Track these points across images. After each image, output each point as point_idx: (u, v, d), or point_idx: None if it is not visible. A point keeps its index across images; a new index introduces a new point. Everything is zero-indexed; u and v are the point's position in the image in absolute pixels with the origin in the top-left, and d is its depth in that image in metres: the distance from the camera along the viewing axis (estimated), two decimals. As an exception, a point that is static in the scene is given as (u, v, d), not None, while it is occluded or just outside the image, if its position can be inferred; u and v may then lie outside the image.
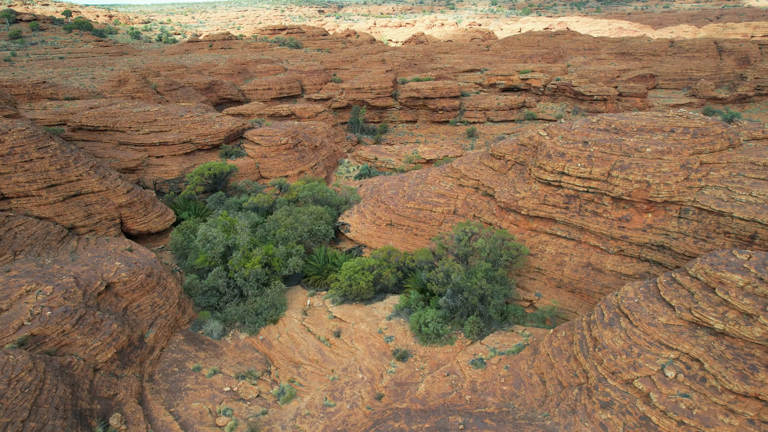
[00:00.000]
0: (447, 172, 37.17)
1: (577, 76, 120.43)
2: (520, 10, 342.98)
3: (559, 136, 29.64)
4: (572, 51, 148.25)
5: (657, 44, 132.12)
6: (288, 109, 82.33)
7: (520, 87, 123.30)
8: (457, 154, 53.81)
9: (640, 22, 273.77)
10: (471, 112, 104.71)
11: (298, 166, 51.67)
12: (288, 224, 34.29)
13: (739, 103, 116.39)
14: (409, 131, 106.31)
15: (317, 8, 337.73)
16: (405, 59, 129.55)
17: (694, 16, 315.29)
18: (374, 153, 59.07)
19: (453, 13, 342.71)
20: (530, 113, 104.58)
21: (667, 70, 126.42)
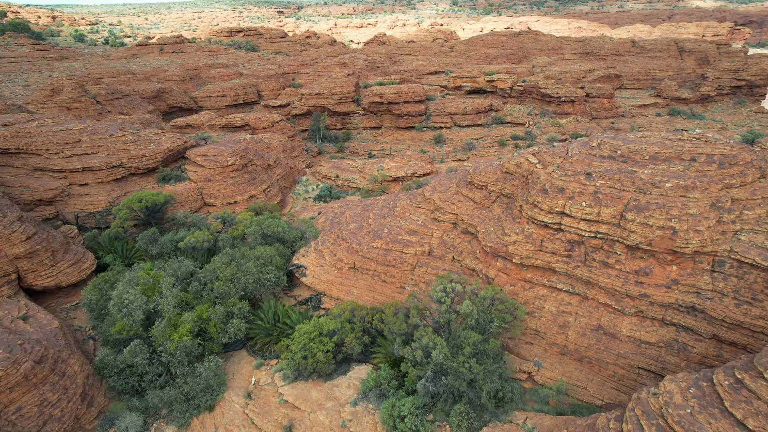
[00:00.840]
0: (418, 202, 31.11)
1: (543, 77, 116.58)
2: (480, 10, 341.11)
3: (554, 165, 24.03)
4: (536, 51, 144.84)
5: (620, 44, 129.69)
6: (241, 119, 74.92)
7: (486, 89, 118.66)
8: (426, 171, 47.82)
9: (598, 22, 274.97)
10: (437, 116, 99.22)
11: (248, 189, 44.74)
12: (228, 276, 27.68)
13: (702, 103, 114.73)
14: (373, 138, 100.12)
15: (276, 9, 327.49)
16: (367, 62, 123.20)
17: (647, 15, 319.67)
18: (335, 169, 52.57)
19: (414, 12, 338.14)
20: (498, 117, 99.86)
21: (631, 70, 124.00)
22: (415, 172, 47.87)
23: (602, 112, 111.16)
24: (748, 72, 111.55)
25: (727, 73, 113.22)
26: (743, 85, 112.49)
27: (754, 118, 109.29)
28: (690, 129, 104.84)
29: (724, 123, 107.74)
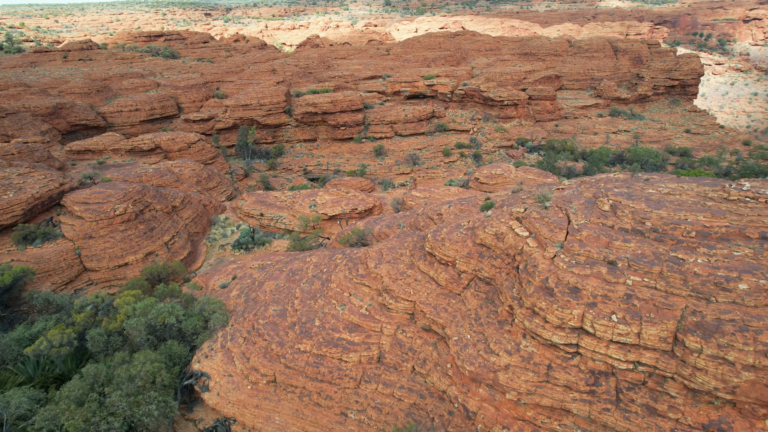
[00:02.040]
0: (360, 277, 22.45)
1: (484, 79, 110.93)
2: (414, 10, 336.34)
3: (555, 245, 16.12)
4: (474, 52, 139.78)
5: (557, 44, 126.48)
6: (151, 141, 63.54)
7: (426, 94, 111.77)
8: (367, 206, 39.26)
9: (529, 21, 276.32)
10: (376, 126, 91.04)
11: (143, 245, 34.53)
12: (80, 425, 18.06)
13: (640, 103, 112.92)
14: (308, 151, 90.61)
15: (204, 11, 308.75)
16: (299, 68, 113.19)
17: (573, 15, 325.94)
18: (260, 205, 43.06)
19: (347, 13, 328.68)
20: (441, 124, 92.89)
21: (570, 71, 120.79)
22: (354, 208, 39.11)
23: (545, 115, 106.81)
24: (680, 72, 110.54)
25: (661, 72, 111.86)
26: (677, 84, 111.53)
27: (689, 117, 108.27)
28: (632, 129, 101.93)
29: (663, 123, 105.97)
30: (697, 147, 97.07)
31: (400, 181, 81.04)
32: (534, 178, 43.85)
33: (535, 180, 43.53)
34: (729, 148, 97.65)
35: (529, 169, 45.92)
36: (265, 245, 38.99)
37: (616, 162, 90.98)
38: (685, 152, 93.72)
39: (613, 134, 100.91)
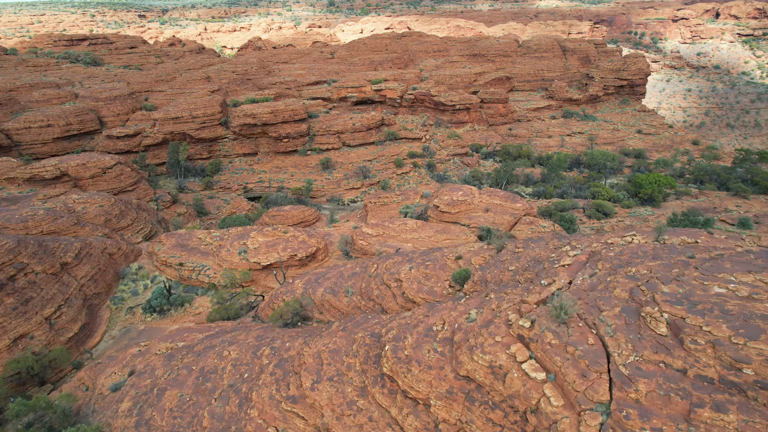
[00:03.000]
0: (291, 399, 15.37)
1: (434, 83, 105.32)
2: (359, 10, 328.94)
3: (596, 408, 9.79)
4: (422, 54, 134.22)
5: (506, 45, 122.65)
6: (56, 168, 53.81)
7: (374, 99, 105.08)
8: (309, 251, 32.14)
9: (474, 20, 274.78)
10: (322, 136, 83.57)
11: (11, 326, 25.99)
12: None
13: (591, 103, 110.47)
14: (248, 167, 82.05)
15: (137, 13, 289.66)
16: (236, 74, 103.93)
17: (516, 14, 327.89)
18: (180, 251, 35.01)
19: (290, 14, 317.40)
20: (391, 132, 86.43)
21: (520, 71, 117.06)
22: (293, 254, 31.85)
23: (498, 118, 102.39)
24: (628, 72, 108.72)
25: (610, 72, 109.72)
26: (625, 84, 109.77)
27: (639, 117, 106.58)
28: (585, 131, 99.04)
29: (615, 123, 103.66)
30: (650, 148, 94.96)
31: (350, 197, 74.04)
32: (500, 203, 37.86)
33: (502, 206, 37.55)
34: (680, 147, 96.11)
35: (494, 192, 39.93)
36: (184, 306, 31.22)
37: (573, 166, 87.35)
38: (639, 154, 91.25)
39: (567, 137, 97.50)
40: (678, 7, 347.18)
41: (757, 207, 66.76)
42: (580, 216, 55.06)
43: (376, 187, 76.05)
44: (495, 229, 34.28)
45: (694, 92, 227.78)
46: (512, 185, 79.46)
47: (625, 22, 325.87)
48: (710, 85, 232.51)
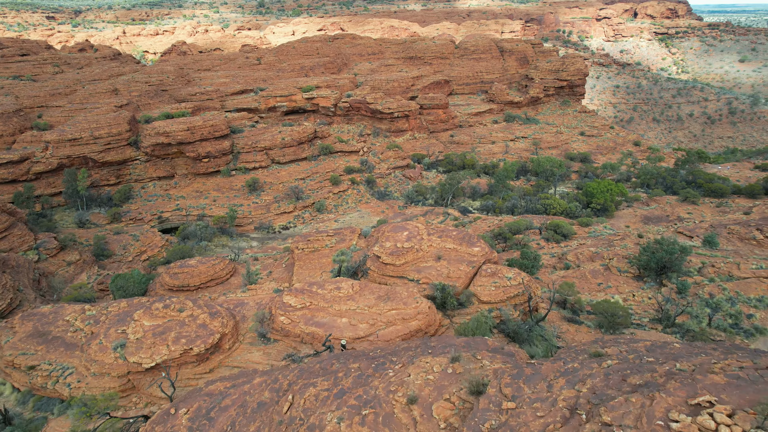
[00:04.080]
0: None
1: (369, 89, 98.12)
2: (290, 11, 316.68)
3: None
4: (356, 57, 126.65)
5: (443, 46, 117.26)
6: None
7: (306, 108, 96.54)
8: (212, 339, 23.88)
9: (408, 20, 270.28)
10: (248, 154, 74.32)
11: None
12: None
13: (532, 106, 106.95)
14: (164, 192, 71.50)
15: (45, 14, 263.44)
16: (150, 85, 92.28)
17: (449, 13, 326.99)
18: (36, 344, 25.93)
19: (218, 16, 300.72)
20: (326, 146, 78.37)
21: (459, 74, 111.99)
22: (188, 348, 23.64)
23: (439, 125, 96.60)
24: (567, 72, 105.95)
25: (549, 73, 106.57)
26: (565, 85, 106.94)
27: (581, 119, 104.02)
28: (529, 135, 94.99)
29: (557, 126, 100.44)
30: (594, 150, 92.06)
31: (282, 223, 65.43)
32: (454, 247, 31.00)
33: (457, 251, 30.69)
34: (623, 149, 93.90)
35: (445, 231, 32.99)
36: (28, 436, 21.94)
37: (520, 174, 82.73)
38: (585, 158, 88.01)
39: (511, 142, 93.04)
40: (600, 6, 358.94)
41: (707, 214, 64.23)
42: (537, 239, 49.47)
43: (311, 209, 67.89)
44: (450, 286, 27.29)
45: (622, 88, 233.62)
46: (458, 199, 73.57)
47: (553, 21, 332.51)
48: (636, 82, 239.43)
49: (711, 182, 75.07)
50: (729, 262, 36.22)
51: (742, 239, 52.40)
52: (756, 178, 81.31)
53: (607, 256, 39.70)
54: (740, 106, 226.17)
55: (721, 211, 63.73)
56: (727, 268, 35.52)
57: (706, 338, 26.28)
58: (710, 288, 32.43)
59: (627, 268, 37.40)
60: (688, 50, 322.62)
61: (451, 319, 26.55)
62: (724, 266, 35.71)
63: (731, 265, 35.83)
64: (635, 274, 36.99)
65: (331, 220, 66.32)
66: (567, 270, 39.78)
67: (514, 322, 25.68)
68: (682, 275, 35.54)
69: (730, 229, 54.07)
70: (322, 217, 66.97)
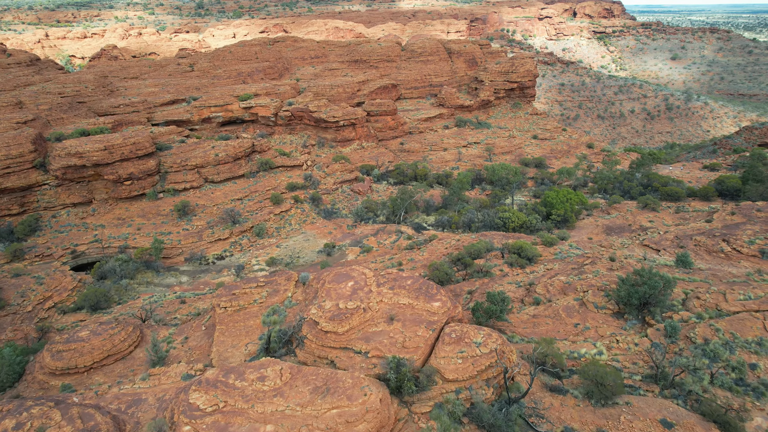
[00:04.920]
0: None
1: (313, 96, 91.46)
2: (230, 13, 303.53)
3: None
4: (298, 61, 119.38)
5: (389, 49, 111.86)
6: None
7: (244, 118, 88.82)
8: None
9: (353, 21, 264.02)
10: (178, 173, 66.22)
11: None
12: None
13: (483, 109, 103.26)
14: (80, 221, 62.38)
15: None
16: (64, 96, 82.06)
17: (394, 14, 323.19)
18: None
19: (153, 18, 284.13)
20: (265, 161, 71.25)
21: (406, 78, 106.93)
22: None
23: (388, 132, 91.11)
24: (517, 74, 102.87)
25: (499, 75, 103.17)
26: (515, 87, 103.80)
27: (533, 121, 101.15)
28: (481, 140, 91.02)
29: (510, 129, 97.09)
30: (548, 155, 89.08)
31: (216, 253, 58.00)
32: (410, 303, 25.31)
33: (413, 309, 24.99)
34: (577, 152, 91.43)
35: (398, 280, 27.22)
36: None
37: (474, 183, 78.38)
38: (539, 163, 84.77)
39: (463, 148, 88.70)
40: (542, 6, 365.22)
41: (669, 221, 61.72)
42: (499, 264, 44.57)
43: (249, 234, 60.73)
44: (407, 361, 21.50)
45: (567, 86, 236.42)
46: (411, 214, 68.23)
47: (497, 20, 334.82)
48: (580, 80, 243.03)
49: (666, 185, 73.20)
50: (714, 292, 32.28)
51: (710, 252, 49.58)
52: (706, 179, 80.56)
53: (581, 287, 35.11)
54: (676, 102, 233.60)
55: (681, 217, 61.38)
56: (713, 299, 31.52)
57: (714, 407, 21.69)
58: (702, 330, 28.18)
59: (604, 304, 32.87)
60: (624, 48, 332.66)
61: (409, 408, 20.75)
62: (710, 297, 31.71)
63: (716, 295, 31.89)
64: (614, 310, 32.50)
65: (273, 245, 59.44)
66: (537, 306, 34.93)
67: (489, 409, 20.15)
68: (666, 310, 31.28)
69: (697, 240, 51.27)
70: (262, 242, 59.97)
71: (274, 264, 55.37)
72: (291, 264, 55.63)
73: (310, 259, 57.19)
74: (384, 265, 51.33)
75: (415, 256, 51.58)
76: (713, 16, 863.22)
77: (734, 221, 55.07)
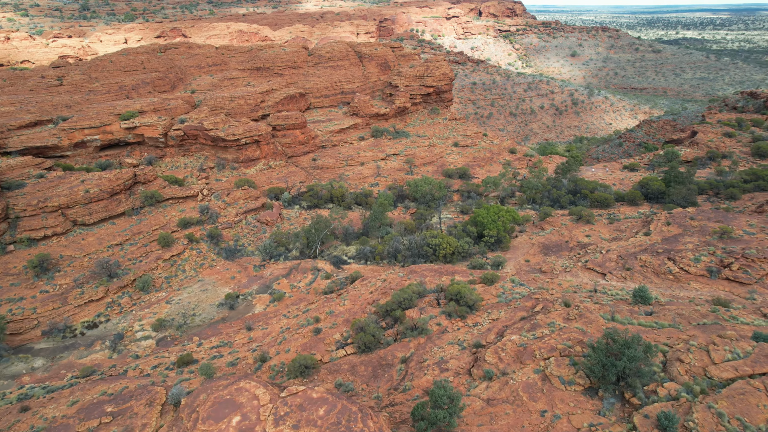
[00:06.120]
0: None
1: (209, 110, 79.90)
2: (122, 16, 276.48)
3: None
4: (194, 69, 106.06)
5: (294, 54, 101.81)
6: None
7: (127, 140, 75.39)
8: None
9: (258, 23, 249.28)
10: (34, 218, 52.72)
11: None
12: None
13: (400, 117, 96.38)
14: None
15: None
16: None
17: (302, 15, 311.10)
18: None
19: (27, 20, 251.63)
20: (151, 193, 59.20)
21: (315, 85, 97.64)
22: None
23: (298, 148, 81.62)
24: (433, 77, 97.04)
25: (414, 80, 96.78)
26: (432, 91, 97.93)
27: (452, 127, 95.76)
28: (401, 151, 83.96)
29: (429, 138, 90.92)
30: (472, 163, 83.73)
31: (87, 319, 45.86)
32: None
33: None
34: (500, 158, 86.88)
35: (308, 401, 18.54)
36: None
37: (397, 201, 70.97)
38: (463, 173, 79.09)
39: (382, 161, 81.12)
40: (448, 6, 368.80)
41: (605, 234, 57.68)
42: (435, 314, 36.90)
43: (131, 289, 48.98)
44: None
45: (479, 85, 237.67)
46: (329, 245, 59.41)
47: (406, 20, 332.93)
48: (491, 78, 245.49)
49: (594, 191, 69.99)
50: (696, 349, 26.48)
51: (659, 274, 45.26)
52: (628, 180, 78.99)
53: (540, 353, 28.15)
54: (580, 97, 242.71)
55: (617, 228, 57.61)
56: (698, 361, 25.66)
57: None
58: (702, 416, 21.95)
59: (572, 377, 26.06)
60: (528, 46, 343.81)
61: None
62: (694, 359, 25.83)
63: (700, 354, 26.10)
64: (585, 385, 25.76)
65: (162, 301, 48.16)
66: (490, 382, 27.52)
67: None
68: (647, 380, 24.94)
69: (642, 261, 46.91)
70: (148, 299, 48.48)
71: (162, 328, 44.35)
72: (184, 325, 44.87)
73: (209, 316, 46.70)
74: (298, 322, 42.10)
75: (335, 306, 42.83)
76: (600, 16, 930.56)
77: (671, 232, 51.77)
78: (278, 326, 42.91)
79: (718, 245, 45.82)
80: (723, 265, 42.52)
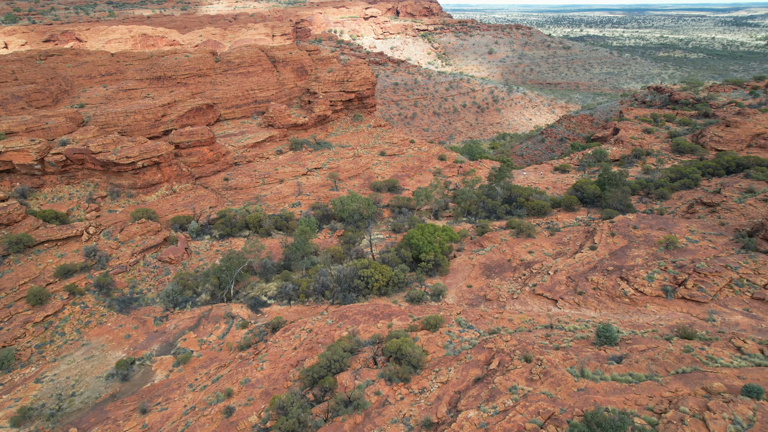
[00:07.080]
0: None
1: (98, 129, 68.74)
2: (1, 17, 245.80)
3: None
4: (83, 80, 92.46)
5: (200, 60, 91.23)
6: None
7: (-7, 169, 62.36)
8: None
9: (165, 26, 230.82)
10: None
11: None
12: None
13: (320, 126, 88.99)
14: None
15: None
16: None
17: (213, 18, 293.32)
18: None
19: None
20: (17, 238, 48.02)
21: (225, 95, 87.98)
22: None
23: (207, 167, 72.35)
24: (353, 82, 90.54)
25: (333, 85, 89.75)
26: (353, 97, 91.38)
27: (377, 135, 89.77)
28: (323, 165, 76.68)
29: (353, 147, 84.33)
30: (400, 173, 78.10)
31: None
32: None
33: None
34: (429, 167, 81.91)
35: None
36: None
37: (322, 223, 63.70)
38: (393, 185, 73.29)
39: (303, 177, 73.56)
40: (365, 5, 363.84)
41: (548, 248, 53.82)
42: (373, 379, 30.18)
43: (-13, 369, 38.26)
44: None
45: (401, 85, 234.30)
46: (245, 283, 51.17)
47: (323, 21, 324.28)
48: (412, 78, 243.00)
49: (530, 198, 66.55)
50: (691, 420, 21.69)
51: (613, 298, 41.34)
52: (561, 183, 76.74)
53: (505, 439, 22.22)
54: (500, 94, 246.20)
55: (559, 241, 53.96)
56: None
57: None
58: None
59: (550, 473, 20.32)
60: (447, 45, 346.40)
61: None
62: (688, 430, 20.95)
63: (696, 426, 21.28)
64: (567, 485, 20.09)
65: (30, 380, 38.00)
66: (448, 488, 21.22)
67: None
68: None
69: (594, 282, 42.93)
70: (9, 379, 38.11)
71: (27, 420, 34.43)
72: (59, 412, 35.19)
73: (94, 394, 37.23)
74: (206, 398, 33.95)
75: (251, 371, 35.01)
76: (512, 14, 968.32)
77: (617, 244, 48.58)
78: (181, 404, 34.44)
79: (668, 259, 42.89)
80: (677, 283, 39.42)
